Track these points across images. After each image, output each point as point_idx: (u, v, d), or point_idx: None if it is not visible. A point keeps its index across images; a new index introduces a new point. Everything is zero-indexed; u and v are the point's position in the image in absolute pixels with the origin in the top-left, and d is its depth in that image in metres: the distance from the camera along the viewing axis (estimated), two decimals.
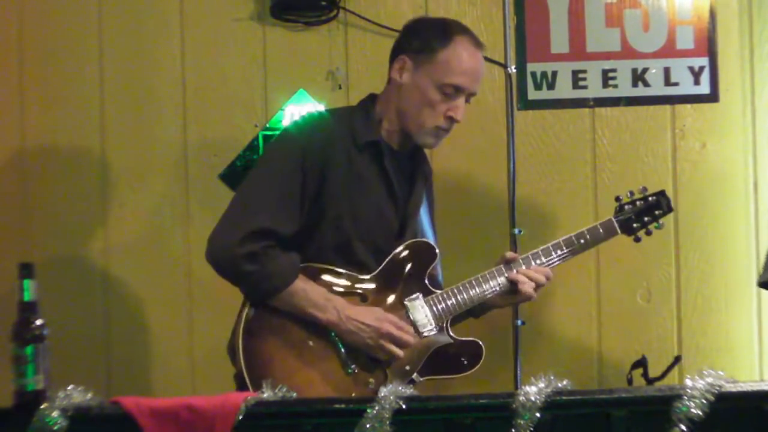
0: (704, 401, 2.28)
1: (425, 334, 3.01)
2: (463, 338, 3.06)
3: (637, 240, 3.19)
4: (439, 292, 3.05)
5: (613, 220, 3.17)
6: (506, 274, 3.09)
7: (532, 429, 2.28)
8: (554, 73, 3.87)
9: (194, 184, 3.86)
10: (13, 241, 3.83)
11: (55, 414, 2.32)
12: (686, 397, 2.28)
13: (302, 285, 2.94)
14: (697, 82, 3.87)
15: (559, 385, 2.35)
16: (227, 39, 3.86)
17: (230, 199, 3.03)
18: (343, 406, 2.40)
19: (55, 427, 2.32)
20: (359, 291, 3.00)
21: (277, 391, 2.42)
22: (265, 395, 2.40)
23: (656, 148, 3.87)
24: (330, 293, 2.96)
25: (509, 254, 3.12)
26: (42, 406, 2.34)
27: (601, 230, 3.16)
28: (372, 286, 3.02)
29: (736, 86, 3.86)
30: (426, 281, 3.06)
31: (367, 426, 2.30)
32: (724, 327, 3.83)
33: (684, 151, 3.87)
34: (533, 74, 3.87)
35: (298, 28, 3.85)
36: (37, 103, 3.86)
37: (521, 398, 2.30)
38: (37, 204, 3.86)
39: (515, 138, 3.80)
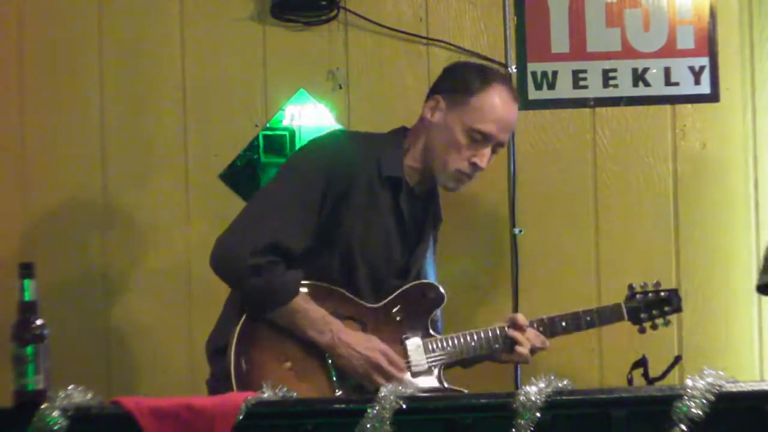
0: (704, 401, 2.28)
1: (417, 372, 3.02)
2: (454, 387, 3.08)
3: (642, 331, 3.26)
4: (438, 336, 3.07)
5: (623, 306, 3.22)
6: (507, 333, 3.11)
7: (532, 429, 2.28)
8: (554, 73, 3.86)
9: (194, 184, 3.85)
10: (13, 241, 3.83)
11: (55, 414, 2.33)
12: (686, 397, 2.28)
13: (303, 304, 2.94)
14: (697, 82, 3.86)
15: (559, 385, 2.35)
16: (227, 39, 3.86)
17: (230, 199, 3.03)
18: (343, 406, 2.41)
19: (55, 427, 2.32)
20: (361, 319, 3.02)
21: (277, 391, 2.42)
22: (265, 395, 2.40)
23: (656, 148, 3.87)
24: (329, 316, 2.95)
25: (519, 318, 3.14)
26: (42, 406, 2.34)
27: (609, 312, 3.22)
28: (374, 316, 3.03)
29: (737, 86, 3.86)
30: (428, 323, 3.07)
31: (368, 426, 2.30)
32: (724, 327, 3.83)
33: (684, 151, 3.87)
34: (533, 74, 3.87)
35: (298, 28, 3.85)
36: (37, 103, 3.86)
37: (521, 398, 2.30)
38: (37, 204, 3.86)
39: (515, 138, 3.80)
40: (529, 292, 3.77)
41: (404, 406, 2.32)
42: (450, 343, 3.06)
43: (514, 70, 3.84)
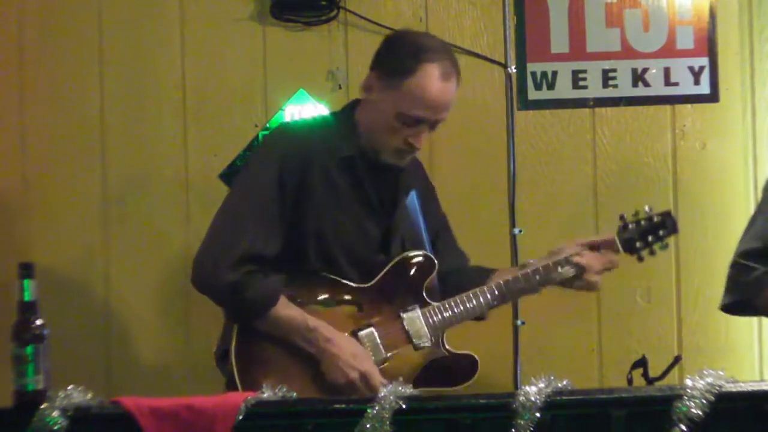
0: (704, 401, 2.27)
1: (420, 346, 2.99)
2: (458, 351, 3.03)
3: (640, 260, 3.17)
4: (436, 304, 3.02)
5: (616, 239, 3.13)
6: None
7: (532, 429, 2.28)
8: (554, 73, 3.87)
9: (194, 184, 3.85)
10: (13, 241, 3.83)
11: (55, 414, 2.32)
12: (686, 397, 2.28)
13: (284, 312, 2.91)
14: (697, 82, 3.87)
15: (559, 385, 2.35)
16: (227, 39, 3.86)
17: None
18: (343, 406, 2.40)
19: (55, 427, 2.32)
20: (356, 301, 2.99)
21: (277, 391, 2.42)
22: (265, 395, 2.40)
23: (656, 148, 3.87)
24: (313, 321, 2.92)
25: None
26: (42, 406, 2.33)
27: (602, 249, 3.13)
28: (369, 296, 3.00)
29: (736, 86, 3.86)
30: (423, 293, 3.03)
31: (367, 426, 2.30)
32: (724, 327, 3.83)
33: (684, 151, 3.87)
34: (533, 74, 3.87)
35: (298, 28, 3.85)
36: (37, 103, 3.86)
37: (521, 398, 2.30)
38: (37, 204, 3.86)
39: (515, 138, 3.80)
40: None
41: (404, 406, 2.32)
42: (449, 309, 3.01)
43: (514, 70, 3.84)
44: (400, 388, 2.36)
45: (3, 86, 3.86)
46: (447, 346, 3.03)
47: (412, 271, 3.04)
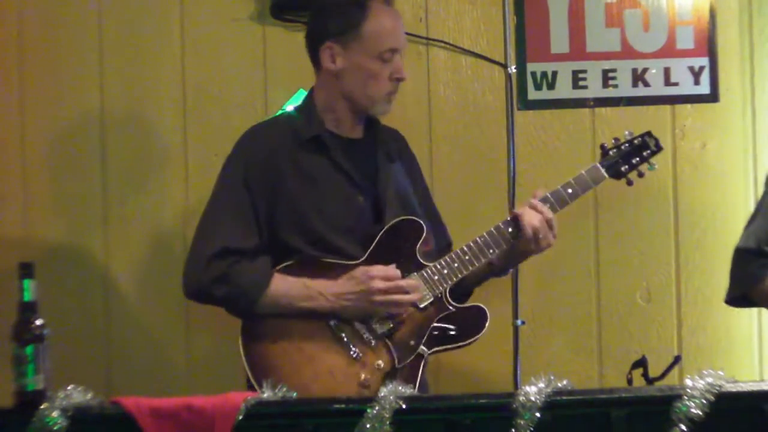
0: (704, 401, 2.28)
1: (423, 305, 2.96)
2: (465, 305, 3.03)
3: (629, 183, 3.13)
4: (431, 264, 2.99)
5: (599, 165, 3.10)
6: (513, 213, 3.02)
7: (532, 429, 2.28)
8: (554, 73, 3.87)
9: (194, 184, 3.85)
10: (13, 241, 3.83)
11: (55, 414, 2.33)
12: (686, 397, 2.28)
13: (280, 285, 2.91)
14: (697, 82, 3.87)
15: (559, 385, 2.35)
16: (227, 39, 3.86)
17: None
18: (343, 406, 2.40)
19: (55, 427, 2.32)
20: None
21: (277, 391, 2.42)
22: (265, 395, 2.40)
23: None
24: (309, 281, 2.92)
25: (532, 200, 3.05)
26: (42, 406, 2.34)
27: (587, 177, 3.09)
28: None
29: (736, 86, 3.86)
30: (419, 257, 3.00)
31: (367, 426, 2.30)
32: (724, 327, 3.83)
33: (684, 151, 3.87)
34: (533, 74, 3.87)
35: (298, 28, 3.85)
36: (37, 103, 3.86)
37: (521, 398, 2.30)
38: (37, 204, 3.86)
39: (515, 138, 3.80)
40: (529, 292, 3.77)
41: (404, 406, 2.32)
42: (446, 266, 2.99)
43: (514, 70, 3.84)
44: (400, 388, 2.36)
45: (3, 86, 3.86)
46: (452, 302, 3.01)
47: (402, 238, 3.01)
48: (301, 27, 3.84)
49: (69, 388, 2.39)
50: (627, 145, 3.13)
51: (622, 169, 3.11)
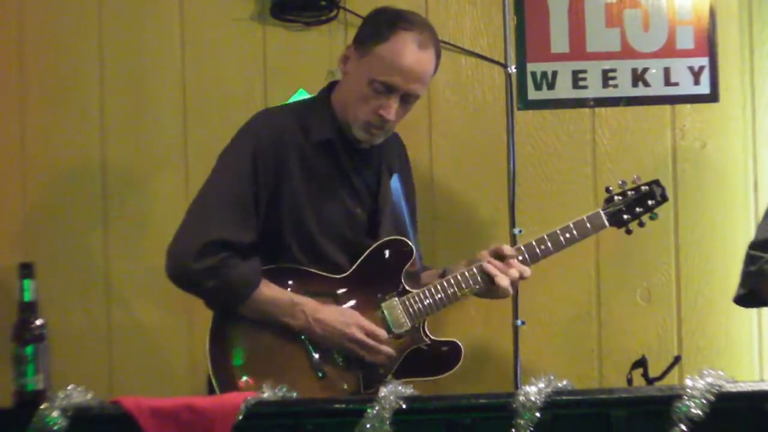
0: (704, 401, 2.28)
1: (399, 334, 2.94)
2: (441, 339, 2.99)
3: (629, 232, 3.11)
4: (415, 291, 2.96)
5: (601, 212, 3.07)
6: (483, 268, 2.96)
7: (532, 429, 2.29)
8: (554, 73, 3.87)
9: (194, 184, 3.84)
10: (13, 241, 3.83)
11: (55, 414, 2.33)
12: (686, 397, 2.29)
13: (268, 292, 2.88)
14: (697, 82, 3.87)
15: (559, 385, 2.35)
16: (227, 39, 3.86)
17: None
18: (343, 406, 2.40)
19: (55, 427, 2.32)
20: (332, 292, 2.94)
21: (277, 391, 2.42)
22: (265, 395, 2.40)
23: (656, 148, 3.87)
24: (298, 296, 2.89)
25: (504, 249, 3.01)
26: (42, 406, 2.34)
27: (588, 224, 3.05)
28: (345, 286, 2.95)
29: (736, 86, 3.86)
30: (402, 280, 2.97)
31: (367, 426, 2.30)
32: (724, 327, 3.83)
33: (684, 151, 3.87)
34: (533, 74, 3.87)
35: (298, 28, 3.85)
36: (37, 103, 3.87)
37: (521, 398, 2.30)
38: (37, 204, 3.86)
39: (515, 138, 3.80)
40: (529, 292, 3.77)
41: (404, 406, 2.32)
42: (429, 296, 2.94)
43: (514, 70, 3.84)
44: (400, 388, 2.36)
45: (3, 86, 3.86)
46: (429, 334, 2.97)
47: (389, 259, 2.98)
48: (301, 27, 3.86)
49: (69, 388, 2.39)
50: (633, 192, 3.09)
51: (625, 218, 3.08)
